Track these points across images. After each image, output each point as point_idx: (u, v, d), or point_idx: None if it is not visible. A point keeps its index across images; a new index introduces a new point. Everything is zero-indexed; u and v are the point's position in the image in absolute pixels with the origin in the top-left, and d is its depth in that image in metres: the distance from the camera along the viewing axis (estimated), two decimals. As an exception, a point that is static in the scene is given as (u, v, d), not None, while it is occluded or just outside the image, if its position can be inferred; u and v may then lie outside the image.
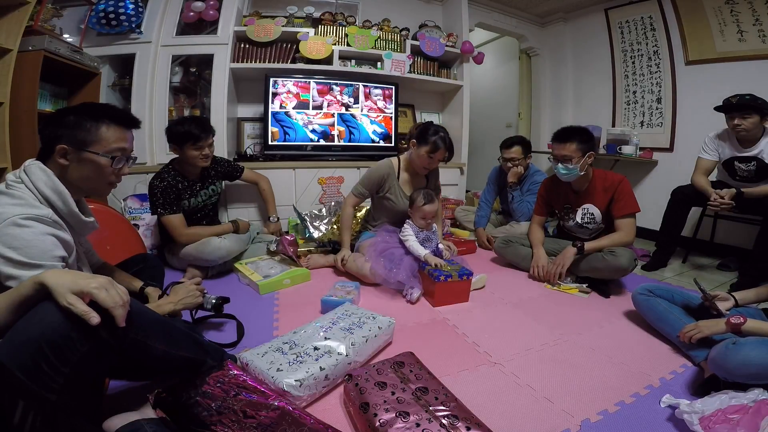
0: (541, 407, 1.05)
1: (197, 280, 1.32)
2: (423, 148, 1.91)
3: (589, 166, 1.90)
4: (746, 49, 2.60)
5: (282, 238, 2.04)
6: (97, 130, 0.92)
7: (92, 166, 0.93)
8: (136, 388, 1.00)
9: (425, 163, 1.96)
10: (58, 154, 0.90)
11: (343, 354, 1.10)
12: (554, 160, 1.91)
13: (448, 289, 1.67)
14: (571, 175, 1.88)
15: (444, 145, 1.90)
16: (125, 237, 1.88)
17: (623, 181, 1.88)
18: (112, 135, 0.94)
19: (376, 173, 2.04)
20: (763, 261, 1.91)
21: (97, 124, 0.93)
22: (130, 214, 2.30)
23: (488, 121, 4.77)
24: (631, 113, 3.35)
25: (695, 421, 0.90)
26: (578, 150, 1.83)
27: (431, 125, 1.96)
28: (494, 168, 2.81)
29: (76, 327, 0.64)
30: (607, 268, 1.81)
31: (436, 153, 1.90)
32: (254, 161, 2.76)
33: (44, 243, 0.83)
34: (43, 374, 0.61)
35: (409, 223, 1.93)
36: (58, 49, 1.98)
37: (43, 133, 0.92)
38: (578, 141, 1.83)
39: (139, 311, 0.79)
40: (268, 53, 2.80)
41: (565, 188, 2.04)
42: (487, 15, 3.69)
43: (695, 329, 1.18)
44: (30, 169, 0.89)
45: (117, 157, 0.96)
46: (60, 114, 0.93)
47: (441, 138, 1.89)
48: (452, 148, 1.96)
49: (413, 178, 2.10)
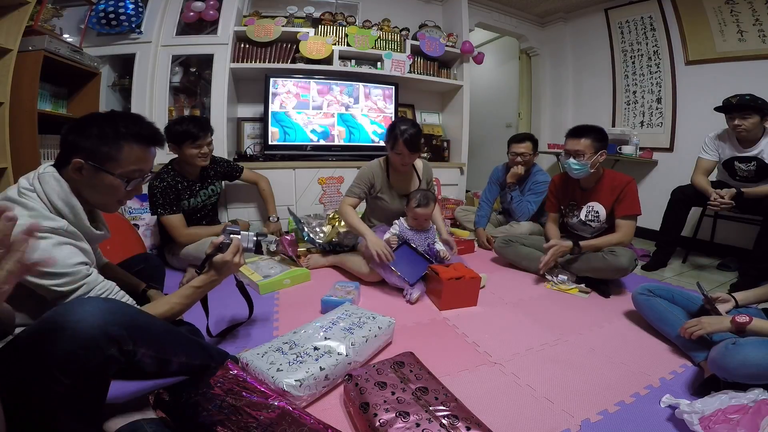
0: (541, 407, 1.05)
1: (236, 244, 1.11)
2: (388, 145, 1.91)
3: (599, 165, 1.91)
4: (746, 49, 2.60)
5: (282, 238, 2.04)
6: (119, 149, 0.88)
7: (105, 185, 0.90)
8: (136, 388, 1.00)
9: (396, 161, 1.93)
10: (73, 168, 0.87)
11: (343, 354, 1.10)
12: (566, 155, 1.92)
13: (456, 290, 1.64)
14: (581, 171, 1.88)
15: (401, 138, 1.81)
16: (125, 237, 1.88)
17: (631, 182, 1.89)
18: (132, 156, 0.90)
19: (364, 173, 2.01)
20: (763, 261, 1.91)
21: (119, 143, 0.88)
22: (130, 214, 2.30)
23: (488, 121, 4.77)
24: (631, 113, 3.35)
25: (695, 421, 0.90)
26: (592, 146, 1.84)
27: (396, 121, 1.92)
28: (496, 167, 2.80)
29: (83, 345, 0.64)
30: (607, 268, 1.81)
31: (396, 147, 1.84)
32: (254, 161, 2.76)
33: (63, 252, 0.82)
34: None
35: (400, 220, 1.94)
36: (58, 49, 1.98)
37: (65, 138, 0.89)
38: (593, 138, 1.85)
39: (150, 325, 0.80)
40: (268, 53, 2.80)
41: (573, 185, 2.04)
42: (487, 15, 3.69)
43: (697, 325, 1.17)
44: (44, 177, 0.86)
45: (132, 180, 0.92)
46: (85, 122, 0.89)
47: (401, 131, 1.82)
48: (414, 140, 1.83)
49: (401, 177, 2.07)
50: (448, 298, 1.64)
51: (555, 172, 2.21)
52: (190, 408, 0.85)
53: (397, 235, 1.89)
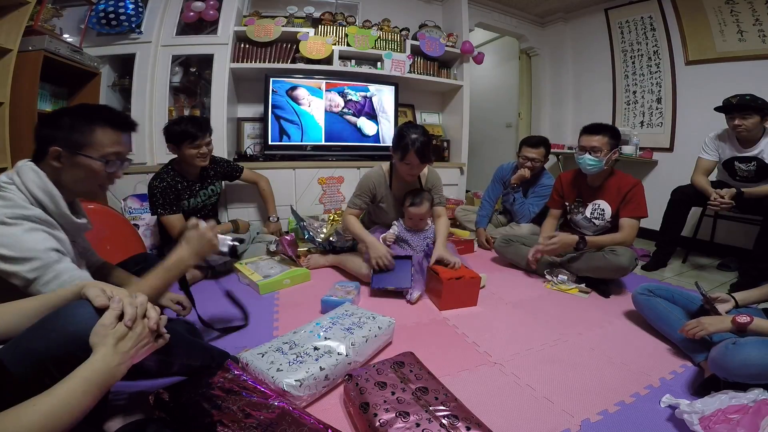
0: (541, 407, 1.05)
1: (212, 224, 1.10)
2: (396, 155, 1.79)
3: (612, 163, 1.92)
4: (746, 49, 2.60)
5: (282, 238, 2.05)
6: (92, 133, 0.91)
7: (85, 169, 0.92)
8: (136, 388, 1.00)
9: (405, 171, 1.82)
10: (51, 157, 0.89)
11: (343, 354, 1.10)
12: (581, 151, 1.91)
13: (457, 290, 1.64)
14: (596, 167, 1.88)
15: (413, 148, 1.70)
16: (125, 237, 1.88)
17: (638, 184, 1.91)
18: (107, 138, 0.92)
19: (365, 182, 1.93)
20: (763, 261, 1.91)
21: (92, 127, 0.91)
22: (130, 214, 2.31)
23: (488, 121, 4.77)
24: (631, 113, 3.35)
25: (695, 421, 0.90)
26: (608, 143, 1.86)
27: (404, 128, 1.79)
28: (501, 166, 2.76)
29: (81, 346, 0.63)
30: (607, 267, 1.81)
31: (406, 157, 1.74)
32: (254, 161, 2.76)
33: (33, 237, 0.83)
34: (44, 385, 0.60)
35: (399, 221, 1.93)
36: (58, 49, 1.98)
37: (38, 133, 0.91)
38: (609, 135, 1.86)
39: None
40: (268, 53, 2.80)
41: (580, 182, 2.05)
42: (487, 15, 3.69)
43: (698, 326, 1.17)
44: (22, 170, 0.88)
45: (111, 161, 0.94)
46: (55, 115, 0.92)
47: (411, 141, 1.71)
48: (425, 151, 1.73)
49: (405, 186, 1.96)
50: (448, 298, 1.64)
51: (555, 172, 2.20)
52: (190, 408, 0.85)
53: (396, 236, 1.90)
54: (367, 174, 1.98)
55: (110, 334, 0.63)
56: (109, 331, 0.64)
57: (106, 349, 0.62)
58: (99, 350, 0.62)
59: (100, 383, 0.60)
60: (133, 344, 0.66)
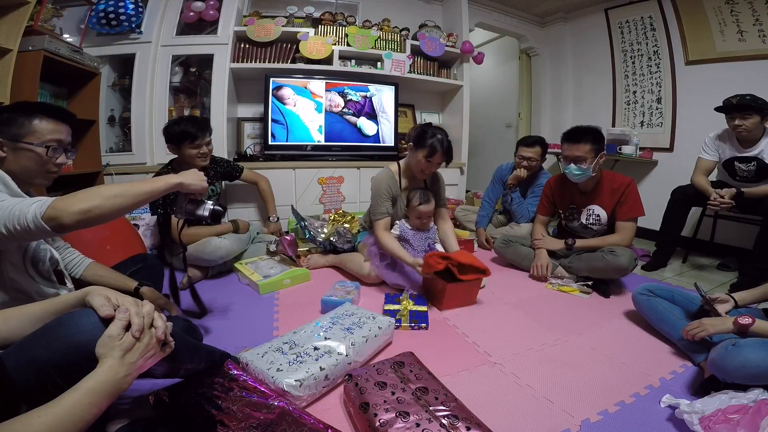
0: (541, 407, 1.05)
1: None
2: (420, 151, 1.79)
3: (599, 167, 1.89)
4: (746, 49, 2.60)
5: (282, 238, 2.05)
6: (30, 123, 0.96)
7: (29, 155, 0.96)
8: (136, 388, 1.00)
9: (423, 167, 1.84)
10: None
11: (343, 354, 1.10)
12: (565, 161, 1.89)
13: (458, 291, 1.64)
14: (584, 176, 1.86)
15: (441, 148, 1.77)
16: (125, 237, 1.88)
17: (631, 183, 1.88)
18: (45, 127, 0.98)
19: (382, 186, 1.88)
20: (763, 261, 1.91)
21: (30, 118, 0.96)
22: (129, 214, 2.30)
23: (488, 121, 4.77)
24: (631, 113, 3.35)
25: (695, 421, 0.90)
26: (592, 150, 1.81)
27: (429, 127, 1.84)
28: (500, 166, 2.77)
29: (87, 356, 0.63)
30: (607, 268, 1.81)
31: (434, 156, 1.78)
32: (254, 161, 2.76)
33: None
34: (47, 392, 0.60)
35: (401, 221, 1.92)
36: (58, 49, 1.98)
37: None
38: (592, 141, 1.81)
39: None
40: (268, 53, 2.80)
41: (572, 188, 2.03)
42: (487, 15, 3.69)
43: (699, 327, 1.16)
44: None
45: (52, 147, 0.98)
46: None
47: (438, 140, 1.77)
48: (450, 152, 1.83)
49: (412, 184, 1.97)
50: (449, 299, 1.64)
51: (556, 171, 2.20)
52: (190, 408, 0.85)
53: (398, 237, 1.89)
54: (377, 178, 1.93)
55: (117, 346, 0.62)
56: (116, 343, 0.62)
57: (113, 360, 0.61)
58: (106, 361, 0.61)
59: (106, 394, 0.60)
60: (140, 355, 0.65)
